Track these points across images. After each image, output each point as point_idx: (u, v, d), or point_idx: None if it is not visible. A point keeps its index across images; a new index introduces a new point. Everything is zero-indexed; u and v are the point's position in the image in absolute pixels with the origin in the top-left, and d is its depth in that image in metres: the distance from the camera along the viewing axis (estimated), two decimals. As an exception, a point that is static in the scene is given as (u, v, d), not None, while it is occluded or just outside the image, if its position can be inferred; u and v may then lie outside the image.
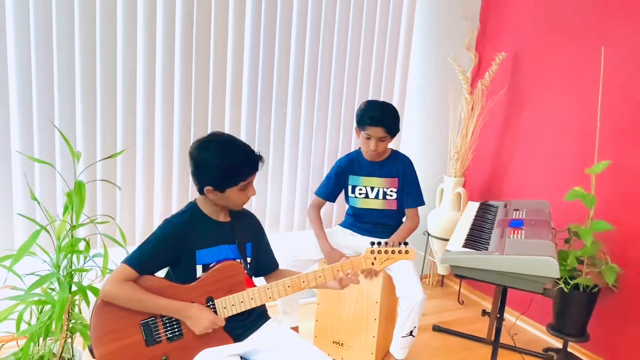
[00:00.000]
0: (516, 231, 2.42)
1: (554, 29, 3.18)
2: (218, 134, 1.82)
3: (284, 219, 3.29)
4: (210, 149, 1.75)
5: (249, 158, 1.77)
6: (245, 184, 1.77)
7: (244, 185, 1.77)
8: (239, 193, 1.77)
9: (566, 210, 3.00)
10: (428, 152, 3.75)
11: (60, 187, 2.53)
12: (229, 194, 1.76)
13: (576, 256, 2.79)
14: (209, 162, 1.73)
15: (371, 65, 3.38)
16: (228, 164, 1.73)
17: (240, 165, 1.74)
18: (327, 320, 2.81)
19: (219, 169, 1.73)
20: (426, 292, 3.85)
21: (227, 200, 1.78)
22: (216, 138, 1.79)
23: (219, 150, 1.74)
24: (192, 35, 2.82)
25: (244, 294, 1.78)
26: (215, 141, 1.77)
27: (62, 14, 2.49)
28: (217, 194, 1.77)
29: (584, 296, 2.85)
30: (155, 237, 1.77)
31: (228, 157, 1.74)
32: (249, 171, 1.77)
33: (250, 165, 1.77)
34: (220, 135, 1.81)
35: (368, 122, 2.63)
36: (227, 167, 1.73)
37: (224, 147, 1.76)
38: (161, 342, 1.73)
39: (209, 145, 1.76)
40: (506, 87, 3.48)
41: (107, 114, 2.68)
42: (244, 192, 1.79)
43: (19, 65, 2.45)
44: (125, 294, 1.67)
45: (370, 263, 1.90)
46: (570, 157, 3.11)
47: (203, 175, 1.75)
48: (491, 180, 3.66)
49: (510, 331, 3.19)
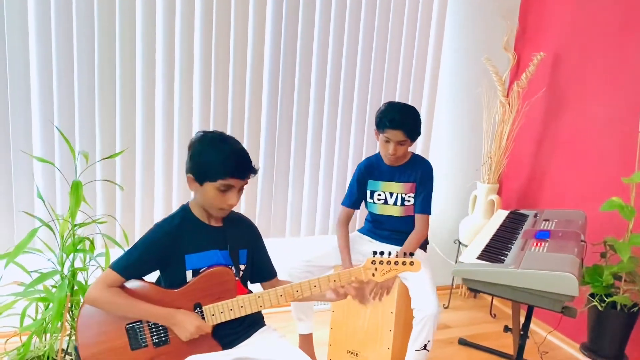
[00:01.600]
0: (539, 243, 2.25)
1: (595, 27, 2.97)
2: (223, 132, 1.78)
3: (304, 223, 3.23)
4: (207, 137, 1.72)
5: (235, 159, 1.68)
6: (225, 185, 1.67)
7: (224, 185, 1.67)
8: (217, 193, 1.69)
9: (605, 222, 2.78)
10: (460, 157, 3.60)
11: (62, 186, 2.57)
12: (206, 189, 1.69)
13: (612, 272, 2.58)
14: (198, 148, 1.70)
15: (399, 64, 3.26)
16: (212, 154, 1.68)
17: (223, 161, 1.66)
18: (342, 329, 2.72)
19: (203, 155, 1.69)
20: (457, 303, 3.75)
21: (205, 196, 1.71)
22: (219, 133, 1.75)
23: (212, 140, 1.70)
24: (212, 34, 2.79)
25: (234, 302, 1.73)
26: (214, 133, 1.74)
27: (60, 15, 2.52)
28: (196, 185, 1.71)
29: (621, 316, 2.64)
30: (143, 242, 1.74)
31: (214, 148, 1.68)
32: (230, 171, 1.67)
33: (234, 166, 1.68)
34: (222, 133, 1.76)
35: (387, 125, 2.52)
36: (210, 157, 1.67)
37: (218, 140, 1.71)
38: (147, 347, 1.70)
39: (209, 134, 1.73)
40: (544, 89, 3.27)
41: (124, 113, 2.70)
42: (223, 195, 1.69)
43: (21, 64, 2.49)
44: (108, 300, 1.65)
45: (371, 274, 1.80)
46: (611, 164, 2.88)
47: (189, 159, 1.72)
48: (528, 188, 3.46)
49: (540, 348, 2.99)
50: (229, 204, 1.72)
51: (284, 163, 3.11)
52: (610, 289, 2.64)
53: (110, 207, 2.75)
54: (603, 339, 2.71)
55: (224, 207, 1.73)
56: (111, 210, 2.74)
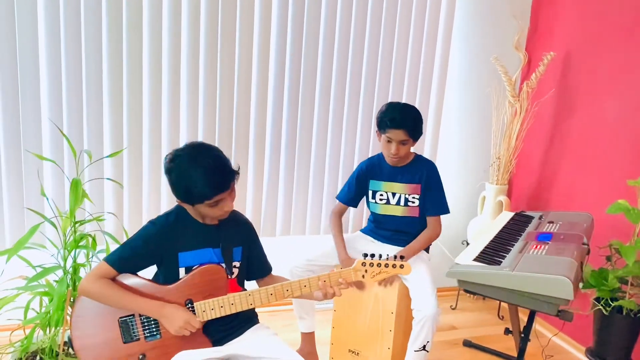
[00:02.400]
0: (540, 246, 2.23)
1: (606, 27, 2.91)
2: (191, 146, 1.73)
3: (309, 222, 3.25)
4: (176, 163, 1.68)
5: (212, 180, 1.65)
6: (213, 202, 1.69)
7: (212, 203, 1.69)
8: (210, 208, 1.71)
9: (613, 225, 2.74)
10: (469, 158, 3.57)
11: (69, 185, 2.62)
12: (199, 208, 1.73)
13: (617, 276, 2.54)
14: (174, 179, 1.69)
15: (406, 63, 3.25)
16: (187, 185, 1.66)
17: (200, 186, 1.65)
18: (344, 328, 2.73)
19: (181, 187, 1.68)
20: (465, 305, 3.72)
21: (200, 213, 1.76)
22: (186, 152, 1.69)
23: (183, 167, 1.66)
24: (217, 29, 2.82)
25: (224, 299, 1.75)
26: (183, 156, 1.68)
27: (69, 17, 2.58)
28: (188, 206, 1.75)
29: (627, 320, 2.59)
30: (138, 237, 1.78)
31: (189, 177, 1.65)
32: (212, 193, 1.66)
33: (213, 186, 1.66)
34: (191, 149, 1.71)
35: (388, 125, 2.52)
36: (187, 187, 1.67)
37: (188, 164, 1.66)
38: (139, 340, 1.74)
39: (176, 159, 1.69)
40: (553, 89, 3.23)
41: (132, 111, 2.76)
42: (217, 207, 1.72)
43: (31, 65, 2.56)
44: (99, 291, 1.69)
45: (361, 276, 1.82)
46: (621, 166, 2.83)
47: (172, 187, 1.72)
48: (537, 189, 3.41)
49: (544, 351, 2.95)
50: (225, 211, 1.75)
51: (289, 162, 3.13)
52: (615, 293, 2.60)
53: (118, 205, 2.82)
54: (608, 344, 2.66)
55: (221, 215, 1.77)
56: (118, 208, 2.80)
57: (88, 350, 1.72)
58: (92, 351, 1.72)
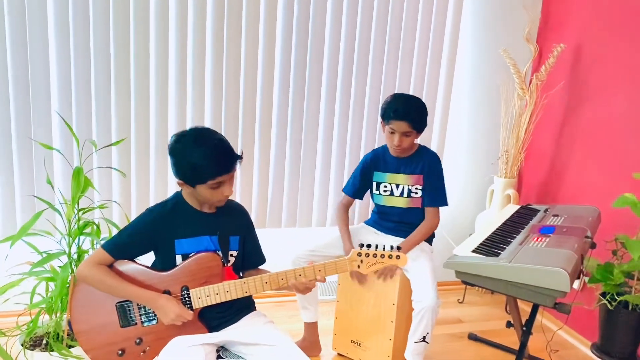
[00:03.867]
0: (541, 238, 2.22)
1: (619, 19, 2.86)
2: (197, 128, 1.78)
3: (316, 214, 3.26)
4: (182, 143, 1.72)
5: (217, 159, 1.70)
6: (215, 183, 1.72)
7: (214, 184, 1.72)
8: (210, 191, 1.74)
9: (621, 219, 2.70)
10: (478, 150, 3.54)
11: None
12: (199, 190, 1.75)
13: (622, 270, 2.51)
14: (179, 157, 1.72)
15: (413, 54, 3.23)
16: (193, 162, 1.69)
17: (205, 165, 1.69)
18: (346, 319, 2.75)
19: (185, 166, 1.71)
20: (473, 298, 3.70)
21: (200, 195, 1.78)
22: (191, 132, 1.75)
23: (188, 146, 1.71)
24: (223, 20, 2.84)
25: (220, 286, 1.78)
26: (188, 136, 1.74)
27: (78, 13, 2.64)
28: (188, 187, 1.77)
29: (633, 315, 2.56)
30: (134, 224, 1.82)
31: (194, 155, 1.69)
32: (216, 171, 1.70)
33: (218, 165, 1.70)
34: (197, 130, 1.77)
35: (392, 116, 2.52)
36: (192, 165, 1.70)
37: (193, 144, 1.70)
38: (136, 325, 1.78)
39: (182, 139, 1.73)
40: (562, 82, 3.18)
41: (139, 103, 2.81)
42: (217, 190, 1.75)
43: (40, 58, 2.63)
44: (96, 277, 1.73)
45: (356, 266, 1.83)
46: (631, 159, 2.78)
47: (175, 168, 1.75)
48: (547, 183, 3.37)
49: (549, 345, 2.93)
50: (225, 196, 1.78)
51: (295, 155, 3.15)
52: (621, 288, 2.56)
53: (126, 194, 2.87)
54: (614, 339, 2.63)
55: (220, 200, 1.79)
56: (125, 197, 2.86)
57: (86, 335, 1.77)
58: (90, 335, 1.77)
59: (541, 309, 2.73)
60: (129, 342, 1.77)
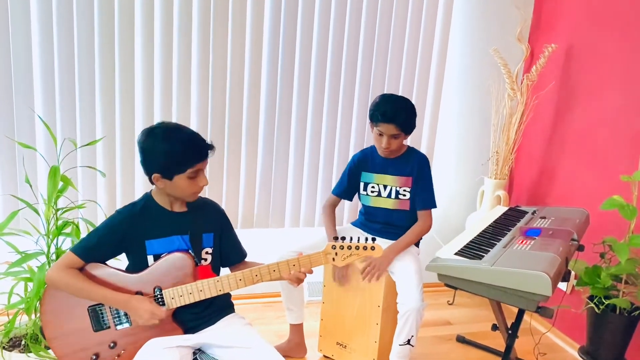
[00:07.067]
0: (525, 241, 2.19)
1: (611, 20, 2.82)
2: (164, 122, 1.79)
3: (303, 214, 3.23)
4: (156, 135, 1.72)
5: (195, 144, 1.72)
6: (194, 171, 1.72)
7: (192, 172, 1.72)
8: (188, 181, 1.73)
9: (611, 221, 2.67)
10: (468, 151, 3.51)
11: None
12: (177, 182, 1.73)
13: (610, 273, 2.48)
14: (154, 148, 1.71)
15: (403, 53, 3.20)
16: (173, 149, 1.69)
17: (185, 151, 1.69)
18: (332, 321, 2.72)
19: (164, 154, 1.69)
20: (464, 300, 3.67)
21: (177, 188, 1.75)
22: (163, 125, 1.76)
23: (164, 136, 1.71)
24: (210, 19, 2.81)
25: (193, 286, 1.75)
26: (161, 127, 1.74)
27: (62, 13, 2.60)
28: (165, 182, 1.74)
29: (620, 319, 2.53)
30: (104, 226, 1.79)
31: (173, 142, 1.69)
32: (195, 157, 1.71)
33: (197, 151, 1.72)
34: (167, 123, 1.77)
35: (380, 119, 2.49)
36: (172, 152, 1.69)
37: (169, 133, 1.72)
38: (109, 329, 1.75)
39: (154, 131, 1.73)
40: (553, 82, 3.15)
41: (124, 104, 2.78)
42: (194, 181, 1.74)
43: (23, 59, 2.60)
44: (64, 281, 1.70)
45: (331, 259, 1.81)
46: (621, 161, 2.75)
47: (150, 162, 1.73)
48: (537, 184, 3.34)
49: (537, 348, 2.90)
50: (200, 187, 1.78)
51: (283, 155, 3.12)
52: (609, 291, 2.54)
53: (111, 194, 2.84)
54: (601, 343, 2.61)
55: (195, 192, 1.79)
56: (110, 197, 2.83)
57: (59, 340, 1.73)
58: (62, 341, 1.73)
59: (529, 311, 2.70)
60: (103, 347, 1.74)
